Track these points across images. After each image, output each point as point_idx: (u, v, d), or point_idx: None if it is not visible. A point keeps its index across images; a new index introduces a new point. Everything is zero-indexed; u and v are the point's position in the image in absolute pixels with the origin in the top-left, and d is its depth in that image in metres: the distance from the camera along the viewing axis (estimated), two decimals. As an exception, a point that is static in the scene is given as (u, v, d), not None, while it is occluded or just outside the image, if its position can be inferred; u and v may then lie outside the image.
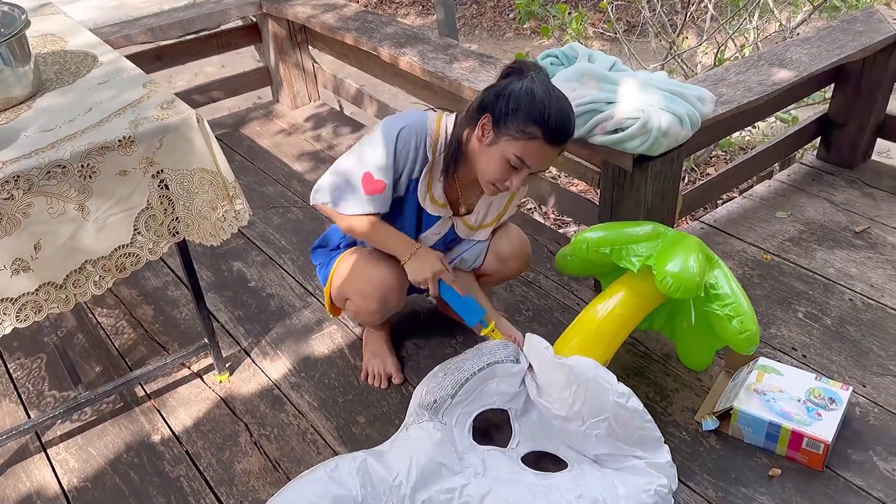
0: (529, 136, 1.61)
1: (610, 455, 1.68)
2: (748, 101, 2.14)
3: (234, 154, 3.33)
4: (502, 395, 1.77)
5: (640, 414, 1.64)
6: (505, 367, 1.76)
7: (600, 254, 1.84)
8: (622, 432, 1.65)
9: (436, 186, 1.80)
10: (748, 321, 1.74)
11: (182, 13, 3.28)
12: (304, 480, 1.57)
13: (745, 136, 4.52)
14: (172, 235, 1.68)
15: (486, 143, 1.66)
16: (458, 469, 1.61)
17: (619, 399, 1.62)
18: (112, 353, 2.21)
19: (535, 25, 7.04)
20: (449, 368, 1.77)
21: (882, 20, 2.65)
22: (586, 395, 1.63)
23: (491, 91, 1.66)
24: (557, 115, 1.61)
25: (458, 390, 1.72)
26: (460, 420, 1.73)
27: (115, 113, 1.62)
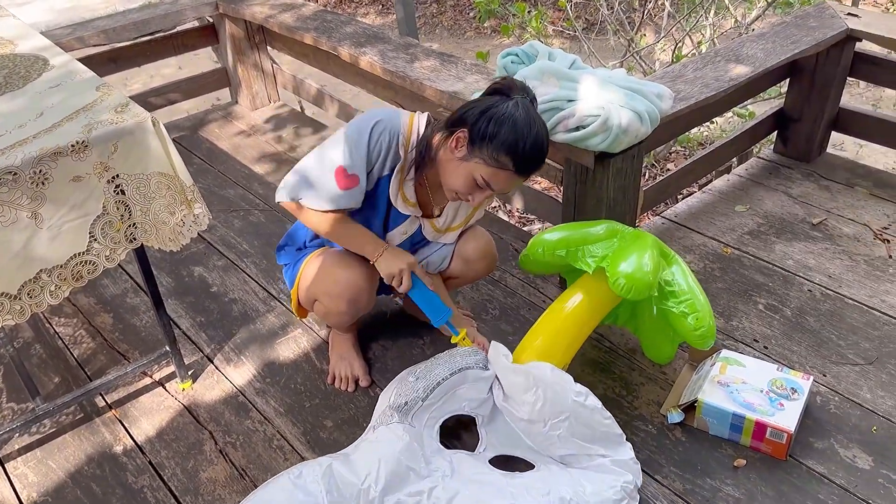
0: (500, 165, 1.63)
1: (574, 455, 1.69)
2: (706, 97, 2.17)
3: (192, 157, 3.28)
4: (471, 400, 1.78)
5: (599, 412, 1.66)
6: (474, 373, 1.76)
7: (557, 256, 1.85)
8: (583, 431, 1.66)
9: (407, 185, 1.80)
10: (703, 317, 1.76)
11: (136, 14, 3.21)
12: (267, 489, 1.55)
13: (703, 131, 4.58)
14: (130, 242, 1.65)
15: (457, 155, 1.67)
16: (425, 473, 1.61)
17: (578, 398, 1.64)
18: (71, 364, 2.15)
19: (496, 24, 7.06)
20: (420, 372, 1.76)
21: (834, 15, 2.70)
22: (546, 396, 1.65)
23: (474, 108, 1.65)
24: (531, 149, 1.63)
25: (429, 394, 1.72)
26: (429, 424, 1.73)
27: (68, 117, 1.58)
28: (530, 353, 1.77)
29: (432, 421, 1.74)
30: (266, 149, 3.34)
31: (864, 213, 2.66)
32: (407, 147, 1.75)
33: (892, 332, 2.12)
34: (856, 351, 2.06)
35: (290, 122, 3.57)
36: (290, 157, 3.25)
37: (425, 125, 1.76)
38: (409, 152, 1.75)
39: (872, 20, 2.65)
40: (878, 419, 1.85)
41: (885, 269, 2.37)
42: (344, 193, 1.70)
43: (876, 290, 2.28)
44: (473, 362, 1.77)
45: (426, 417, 1.73)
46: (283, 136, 3.44)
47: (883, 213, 2.65)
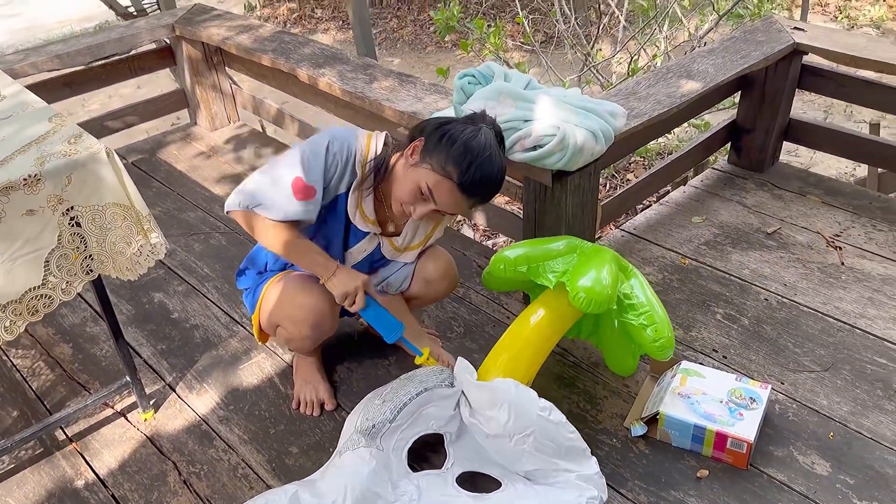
0: (445, 175, 1.65)
1: (540, 470, 1.71)
2: (659, 114, 2.21)
3: (151, 180, 3.25)
4: (438, 419, 1.78)
5: (564, 426, 1.68)
6: (440, 391, 1.78)
7: (518, 272, 1.87)
8: (548, 445, 1.68)
9: (366, 202, 1.81)
10: (662, 328, 1.79)
11: (91, 38, 3.18)
12: None
13: (661, 141, 4.66)
14: (86, 274, 1.63)
15: (410, 163, 1.69)
16: (392, 498, 1.61)
17: (542, 413, 1.66)
18: (29, 397, 2.11)
19: (456, 38, 7.11)
20: (386, 395, 1.77)
21: (781, 29, 2.77)
22: (510, 411, 1.66)
23: (436, 121, 1.69)
24: (479, 171, 1.64)
25: (396, 415, 1.72)
26: (397, 447, 1.73)
27: (20, 150, 1.56)
28: (494, 370, 1.79)
29: (401, 443, 1.74)
30: (226, 170, 3.32)
31: (817, 220, 2.73)
32: (364, 164, 1.76)
33: (846, 338, 2.17)
34: (812, 358, 2.11)
35: (250, 143, 3.55)
36: (250, 179, 3.23)
37: (383, 144, 1.78)
38: (366, 169, 1.76)
39: (818, 34, 2.72)
40: (834, 425, 1.89)
41: (837, 276, 2.43)
42: (299, 205, 1.69)
43: (829, 297, 2.33)
44: (439, 381, 1.78)
45: (395, 440, 1.73)
46: (244, 157, 3.43)
47: (834, 221, 2.72)
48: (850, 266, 2.48)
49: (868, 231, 2.65)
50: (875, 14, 7.16)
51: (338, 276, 1.77)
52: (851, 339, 2.16)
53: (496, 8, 7.90)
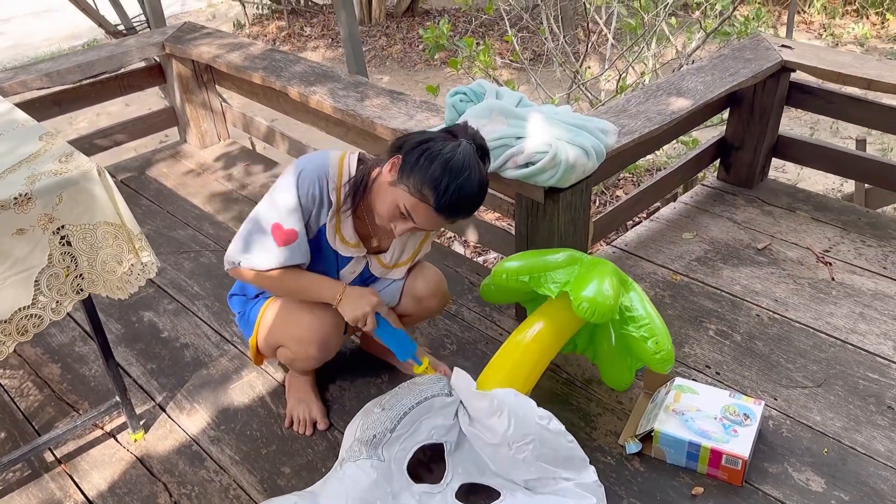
0: (422, 198, 1.61)
1: (539, 479, 1.69)
2: (649, 131, 2.22)
3: (140, 198, 3.23)
4: (438, 428, 1.76)
5: (563, 434, 1.68)
6: (440, 400, 1.76)
7: (520, 282, 1.87)
8: (548, 454, 1.67)
9: (345, 226, 1.78)
10: (663, 341, 1.79)
11: (81, 56, 3.17)
12: None
13: (650, 158, 4.69)
14: (76, 293, 1.61)
15: (388, 180, 1.67)
16: None
17: (541, 421, 1.66)
18: (17, 417, 2.08)
19: (445, 56, 7.15)
20: (385, 403, 1.75)
21: (769, 47, 2.80)
22: (509, 419, 1.66)
23: (415, 137, 1.66)
24: (456, 193, 1.60)
25: (396, 424, 1.70)
26: (398, 457, 1.70)
27: (10, 169, 1.55)
28: (494, 380, 1.78)
29: (402, 453, 1.71)
30: (216, 187, 3.31)
31: (807, 236, 2.74)
32: (339, 190, 1.74)
33: (838, 353, 2.18)
34: (804, 374, 2.11)
35: (240, 160, 3.55)
36: (240, 196, 3.22)
37: (358, 163, 1.76)
38: (341, 194, 1.75)
39: (805, 51, 2.75)
40: (828, 441, 1.89)
41: (828, 291, 2.44)
42: (285, 251, 1.71)
43: (820, 313, 2.34)
44: (438, 390, 1.77)
45: (396, 450, 1.71)
46: (234, 174, 3.42)
47: (824, 237, 2.73)
48: (840, 281, 2.49)
49: (857, 246, 2.67)
50: (859, 31, 7.26)
51: (348, 298, 1.76)
52: (843, 355, 2.17)
53: (484, 26, 7.95)
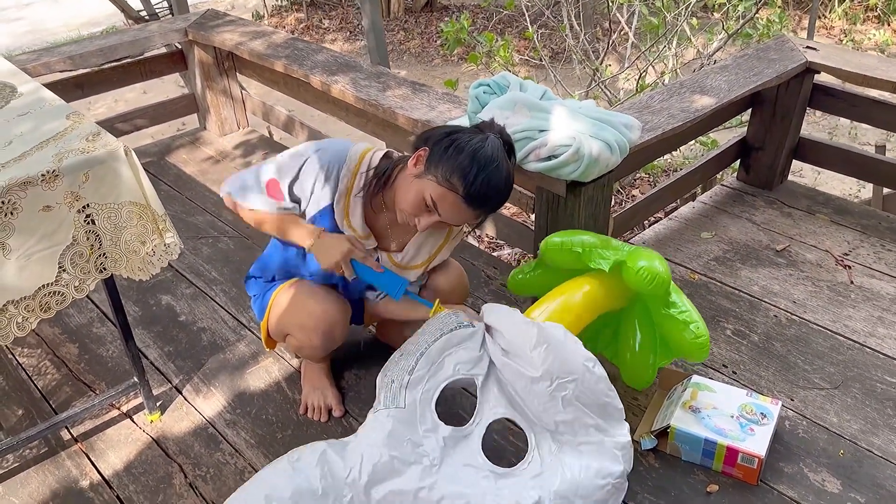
0: (450, 187, 1.61)
1: (573, 422, 1.64)
2: (672, 128, 2.22)
3: (160, 183, 3.25)
4: (464, 363, 1.70)
5: (605, 381, 1.63)
6: (460, 333, 1.71)
7: (572, 253, 1.85)
8: (588, 397, 1.62)
9: (354, 213, 1.77)
10: (703, 327, 1.79)
11: (104, 40, 3.19)
12: (267, 471, 1.57)
13: (667, 158, 4.67)
14: (100, 272, 1.62)
15: (414, 173, 1.66)
16: (412, 458, 1.57)
17: (587, 363, 1.61)
18: (35, 396, 2.10)
19: (463, 51, 7.14)
20: (405, 350, 1.71)
21: (793, 48, 2.79)
22: (556, 355, 1.61)
23: (443, 130, 1.67)
24: (485, 183, 1.60)
25: (414, 366, 1.66)
26: (424, 398, 1.66)
27: (38, 146, 1.56)
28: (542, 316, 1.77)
29: (427, 394, 1.66)
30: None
31: (826, 239, 2.73)
32: (354, 178, 1.74)
33: (856, 356, 2.17)
34: (821, 375, 2.10)
35: (259, 148, 3.56)
36: (259, 184, 3.23)
37: (384, 157, 1.77)
38: (355, 182, 1.75)
39: (830, 53, 2.74)
40: (845, 443, 1.89)
41: (847, 294, 2.43)
42: (272, 203, 1.77)
43: (839, 316, 2.33)
44: (456, 323, 1.72)
45: (420, 391, 1.66)
46: (253, 162, 3.43)
47: (843, 240, 2.72)
48: (859, 285, 2.47)
49: (877, 251, 2.65)
50: (880, 38, 7.20)
51: (320, 245, 1.74)
52: (861, 358, 2.16)
53: (503, 22, 7.94)
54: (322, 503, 1.53)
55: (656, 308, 1.87)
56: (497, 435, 1.77)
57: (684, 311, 1.80)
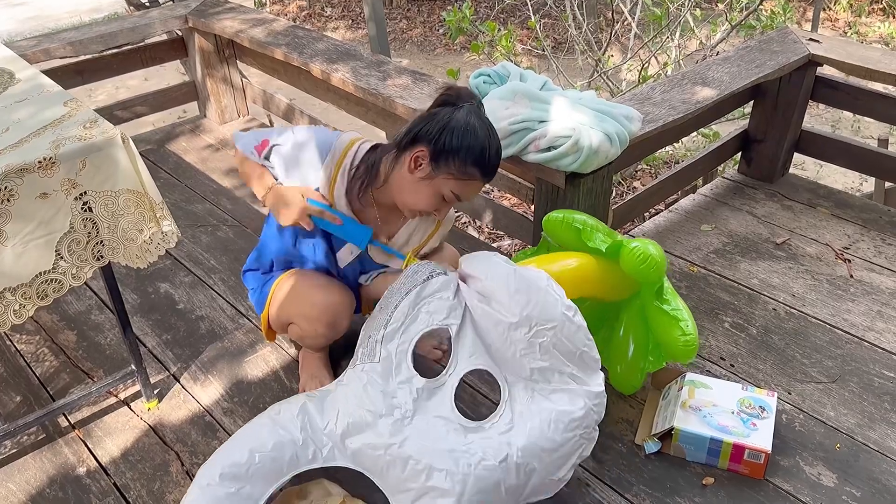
0: (469, 176, 1.65)
1: (547, 369, 1.62)
2: (673, 119, 2.21)
3: (159, 171, 3.24)
4: (437, 312, 1.68)
5: (584, 331, 1.61)
6: (432, 283, 1.68)
7: (572, 229, 1.85)
8: (565, 345, 1.60)
9: (338, 204, 1.77)
10: (693, 329, 1.78)
11: (104, 27, 3.17)
12: (249, 426, 1.60)
13: (668, 150, 4.66)
14: (97, 260, 1.62)
15: (419, 175, 1.66)
16: (384, 411, 1.58)
17: (567, 311, 1.59)
18: (33, 382, 2.10)
19: (465, 41, 7.12)
20: (381, 304, 1.71)
21: (796, 40, 2.77)
22: (536, 301, 1.59)
23: (430, 125, 1.64)
24: (495, 155, 1.67)
25: (389, 318, 1.65)
26: (400, 350, 1.65)
27: (35, 133, 1.55)
28: None
29: (403, 346, 1.65)
30: (235, 163, 3.31)
31: (826, 233, 2.72)
32: (338, 167, 1.75)
33: (854, 350, 2.16)
34: (819, 369, 2.10)
35: (259, 137, 3.54)
36: (259, 173, 3.22)
37: (369, 150, 1.76)
38: (339, 172, 1.75)
39: (833, 45, 2.72)
40: (841, 436, 1.89)
41: (846, 288, 2.43)
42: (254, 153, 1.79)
43: (838, 309, 2.33)
44: (428, 272, 1.69)
45: (395, 345, 1.65)
46: (252, 151, 3.42)
47: (844, 234, 2.71)
48: (858, 279, 2.47)
49: (877, 245, 2.64)
50: (885, 30, 7.17)
51: (276, 196, 1.75)
52: (860, 352, 2.16)
53: (506, 12, 7.91)
54: (303, 452, 1.57)
55: (649, 300, 1.86)
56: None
57: (677, 310, 1.80)
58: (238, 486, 1.51)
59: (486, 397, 1.91)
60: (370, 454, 1.57)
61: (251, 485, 1.52)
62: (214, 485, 1.50)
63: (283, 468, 1.56)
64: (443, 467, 1.52)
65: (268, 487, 1.55)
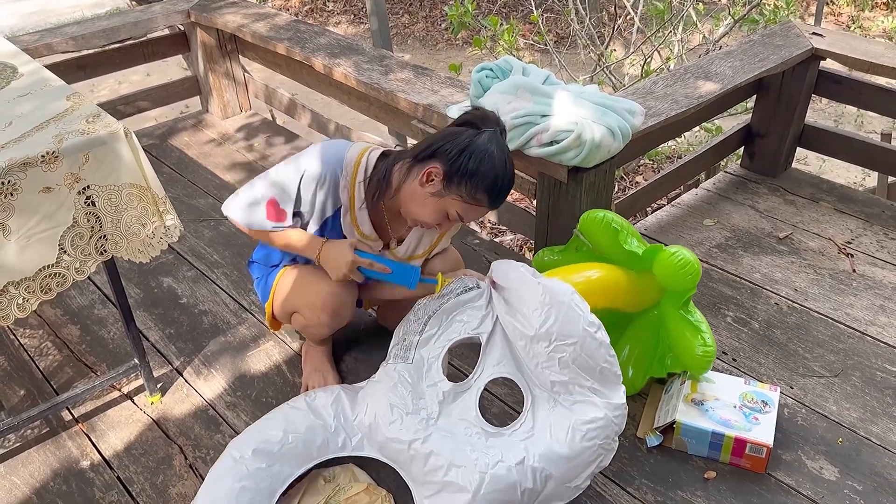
0: (476, 202, 1.67)
1: (568, 383, 1.64)
2: (676, 114, 2.20)
3: (162, 166, 3.24)
4: (470, 322, 1.75)
5: (606, 347, 1.62)
6: (466, 296, 1.77)
7: (611, 230, 1.85)
8: (586, 361, 1.61)
9: (362, 222, 1.80)
10: (712, 341, 1.79)
11: (106, 21, 3.17)
12: (286, 408, 1.72)
13: (671, 144, 4.65)
14: (100, 254, 1.62)
15: (428, 190, 1.67)
16: (411, 409, 1.65)
17: (590, 328, 1.60)
18: (36, 376, 2.11)
19: (468, 35, 7.11)
20: (416, 310, 1.78)
21: (799, 34, 2.77)
22: (558, 316, 1.60)
23: (449, 144, 1.65)
24: (506, 186, 1.68)
25: (424, 326, 1.74)
26: (432, 356, 1.73)
27: (38, 127, 1.55)
28: None
29: (436, 351, 1.74)
30: (237, 158, 3.32)
31: (829, 227, 2.72)
32: (352, 187, 1.75)
33: (856, 344, 2.16)
34: (822, 363, 2.10)
35: (261, 131, 3.55)
36: (261, 167, 3.23)
37: (379, 157, 1.77)
38: (355, 189, 1.76)
39: (836, 39, 2.72)
40: (843, 431, 1.89)
41: (848, 282, 2.42)
42: (274, 224, 1.76)
43: (840, 304, 2.33)
44: (461, 286, 1.78)
45: (428, 350, 1.74)
46: (255, 145, 3.42)
47: (846, 228, 2.71)
48: (861, 273, 2.47)
49: (880, 239, 2.64)
50: (888, 24, 7.15)
51: (326, 254, 1.77)
52: (862, 346, 2.16)
53: (508, 6, 7.89)
54: (334, 439, 1.68)
55: (673, 309, 1.85)
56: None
57: (700, 322, 1.81)
58: (269, 462, 1.60)
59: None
60: (395, 448, 1.64)
61: (281, 463, 1.62)
62: (247, 459, 1.60)
63: (314, 452, 1.67)
64: (461, 464, 1.57)
65: (296, 468, 1.64)
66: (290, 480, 1.62)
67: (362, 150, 1.77)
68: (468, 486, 1.54)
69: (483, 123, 1.68)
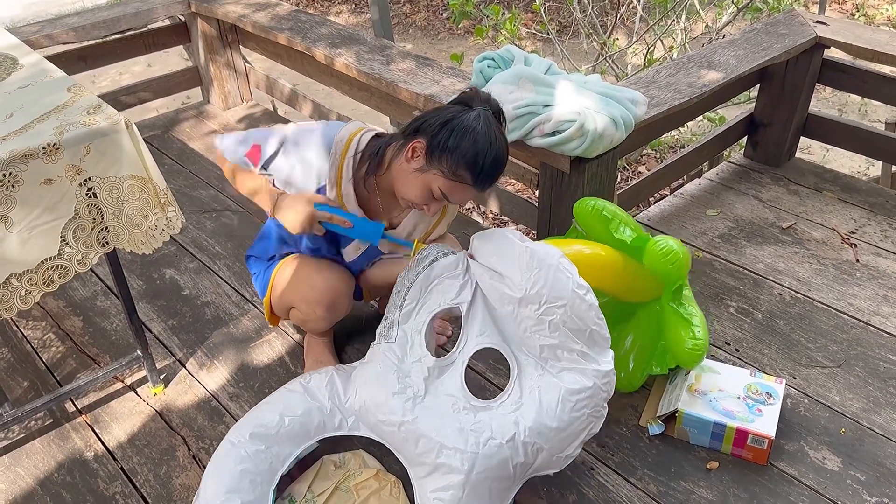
0: (458, 179, 1.60)
1: (557, 346, 1.62)
2: (679, 103, 2.19)
3: (163, 157, 3.24)
4: (448, 291, 1.71)
5: (595, 310, 1.60)
6: (441, 263, 1.71)
7: (601, 217, 1.83)
8: (575, 323, 1.60)
9: (347, 200, 1.76)
10: (704, 336, 1.76)
11: (107, 12, 3.16)
12: (282, 391, 1.75)
13: (673, 134, 4.64)
14: (102, 246, 1.62)
15: (413, 166, 1.64)
16: (397, 389, 1.64)
17: (578, 290, 1.58)
18: (40, 368, 2.11)
19: (469, 25, 7.08)
20: (397, 283, 1.75)
21: (803, 23, 2.75)
22: (547, 278, 1.58)
23: (434, 118, 1.63)
24: (491, 165, 1.60)
25: (403, 300, 1.71)
26: (413, 331, 1.70)
27: (39, 118, 1.55)
28: None
29: (418, 325, 1.70)
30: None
31: (832, 217, 2.71)
32: (341, 160, 1.73)
33: (860, 335, 2.16)
34: (825, 354, 2.10)
35: (263, 122, 3.54)
36: (263, 158, 3.22)
37: (372, 138, 1.75)
38: (343, 165, 1.73)
39: (840, 28, 2.70)
40: (846, 421, 1.89)
41: (852, 272, 2.42)
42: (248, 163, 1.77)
43: (843, 294, 2.32)
44: (436, 254, 1.73)
45: (410, 325, 1.70)
46: (256, 137, 3.41)
47: (850, 218, 2.70)
48: (864, 263, 2.46)
49: (884, 229, 2.63)
50: (893, 12, 7.10)
51: (282, 209, 1.73)
52: (865, 336, 2.15)
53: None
54: (330, 420, 1.71)
55: (666, 299, 1.85)
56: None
57: (691, 315, 1.79)
58: (267, 444, 1.64)
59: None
60: (386, 430, 1.65)
61: (279, 445, 1.65)
62: (245, 442, 1.62)
63: (311, 432, 1.69)
64: (452, 445, 1.56)
65: (295, 449, 1.67)
66: (289, 460, 1.65)
67: (355, 131, 1.76)
68: (460, 467, 1.54)
69: (474, 102, 1.64)
